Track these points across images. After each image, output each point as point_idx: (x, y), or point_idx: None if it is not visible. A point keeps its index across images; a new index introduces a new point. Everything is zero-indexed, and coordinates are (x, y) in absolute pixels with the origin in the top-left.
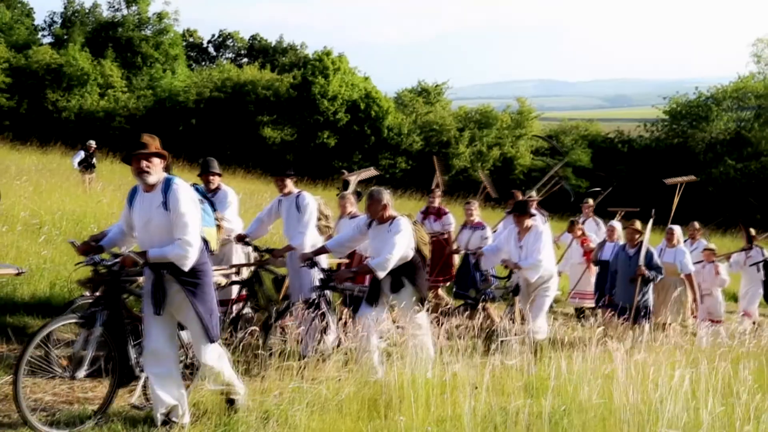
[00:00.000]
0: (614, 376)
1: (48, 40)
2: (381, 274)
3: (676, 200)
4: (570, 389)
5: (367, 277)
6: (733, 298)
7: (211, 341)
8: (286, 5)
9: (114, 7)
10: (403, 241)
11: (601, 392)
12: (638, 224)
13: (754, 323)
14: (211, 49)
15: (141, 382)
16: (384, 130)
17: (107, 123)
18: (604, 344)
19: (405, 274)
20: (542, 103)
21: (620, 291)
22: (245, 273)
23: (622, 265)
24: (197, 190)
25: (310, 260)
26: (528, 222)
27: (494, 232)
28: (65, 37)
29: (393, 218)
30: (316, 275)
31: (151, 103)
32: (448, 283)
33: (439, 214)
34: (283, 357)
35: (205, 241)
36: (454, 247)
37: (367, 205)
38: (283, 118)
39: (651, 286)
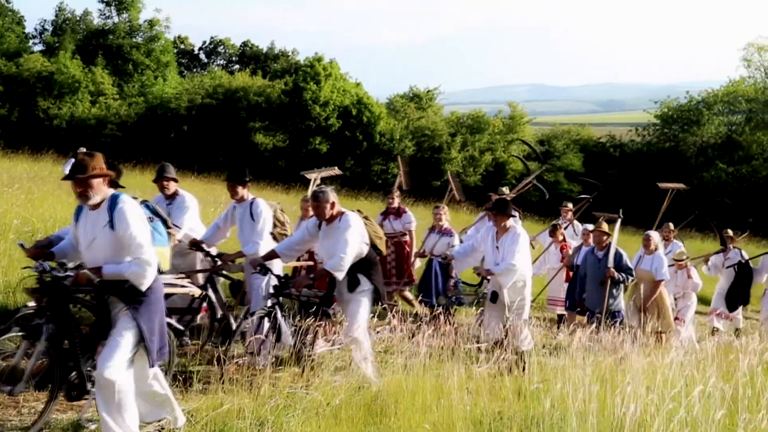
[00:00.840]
0: (610, 380)
1: (39, 48)
2: (339, 275)
3: (664, 206)
4: (567, 394)
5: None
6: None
7: (151, 365)
8: (277, 11)
9: (105, 14)
10: (354, 236)
11: (599, 398)
12: (605, 226)
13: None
14: (202, 56)
15: (91, 397)
16: (376, 135)
17: (99, 130)
18: (591, 350)
19: (361, 271)
20: (534, 107)
21: (590, 295)
22: (201, 279)
23: (591, 268)
24: (147, 207)
25: (261, 266)
26: (507, 222)
27: (462, 234)
28: (56, 44)
29: (341, 214)
30: (270, 282)
31: (143, 111)
32: (408, 287)
33: (399, 213)
34: (276, 363)
35: None
36: (419, 249)
37: (314, 207)
38: (275, 125)
39: (622, 288)
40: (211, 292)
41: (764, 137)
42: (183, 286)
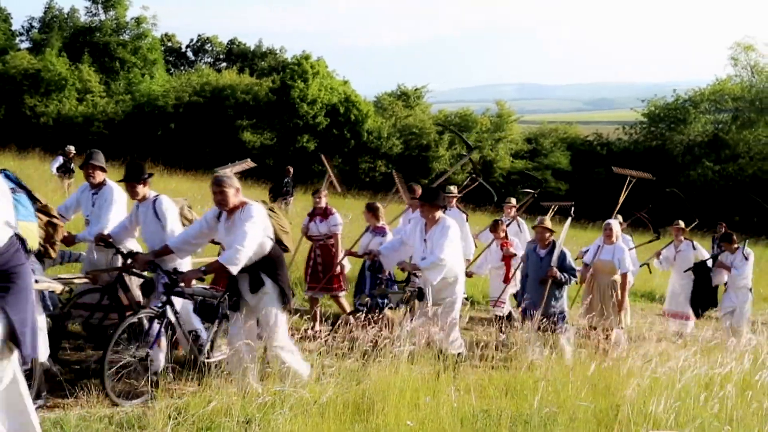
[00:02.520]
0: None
1: (25, 45)
2: (233, 269)
3: (623, 196)
4: (556, 392)
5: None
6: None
7: (23, 360)
8: (273, 11)
9: (92, 12)
10: (255, 229)
11: (590, 394)
12: (548, 222)
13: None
14: (189, 54)
15: None
16: (363, 133)
17: (86, 128)
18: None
19: (264, 269)
20: (522, 106)
21: (531, 295)
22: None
23: (532, 267)
24: (8, 177)
25: (150, 263)
26: (436, 213)
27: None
28: (43, 42)
29: (244, 205)
30: (160, 280)
31: (130, 108)
32: (341, 292)
33: (326, 214)
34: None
35: (21, 239)
36: (356, 250)
37: (216, 193)
38: (263, 123)
39: (566, 290)
40: (120, 292)
41: (750, 136)
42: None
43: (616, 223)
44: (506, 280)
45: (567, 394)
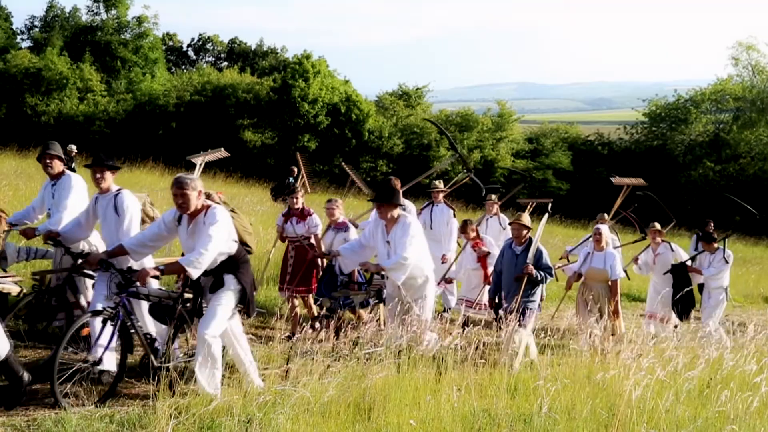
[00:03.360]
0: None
1: (26, 44)
2: (194, 273)
3: (619, 201)
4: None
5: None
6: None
7: None
8: (266, 9)
9: (93, 11)
10: (220, 233)
11: (590, 394)
12: (525, 219)
13: (676, 327)
14: (190, 53)
15: None
16: (365, 133)
17: (87, 127)
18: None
19: (228, 270)
20: (523, 106)
21: (506, 293)
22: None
23: (507, 265)
24: None
25: (102, 262)
26: (394, 212)
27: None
28: (44, 41)
29: (207, 208)
30: (113, 279)
31: (131, 107)
32: (311, 294)
33: (303, 215)
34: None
35: None
36: (322, 248)
37: (178, 195)
38: (264, 122)
39: (540, 289)
40: (69, 293)
41: (751, 136)
42: None
43: (605, 228)
44: (487, 280)
45: (567, 394)
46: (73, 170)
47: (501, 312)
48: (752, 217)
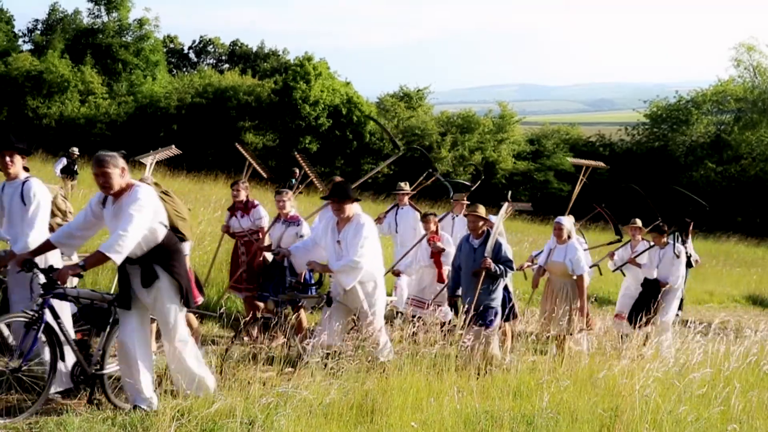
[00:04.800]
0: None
1: (28, 47)
2: (116, 258)
3: (578, 188)
4: (559, 393)
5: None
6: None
7: None
8: (267, 10)
9: (94, 13)
10: (142, 213)
11: (592, 395)
12: (481, 210)
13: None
14: (191, 55)
15: None
16: (366, 135)
17: (88, 130)
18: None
19: (158, 261)
20: (524, 107)
21: (465, 289)
22: None
23: (465, 259)
24: None
25: (27, 261)
26: (349, 210)
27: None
28: (45, 44)
29: (131, 187)
30: (36, 279)
31: (132, 110)
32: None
33: (247, 208)
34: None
35: None
36: (266, 242)
37: (99, 174)
38: (265, 124)
39: (501, 283)
40: None
41: (753, 137)
42: None
43: (567, 220)
44: (440, 279)
45: (569, 395)
46: (76, 173)
47: (451, 306)
48: (702, 209)
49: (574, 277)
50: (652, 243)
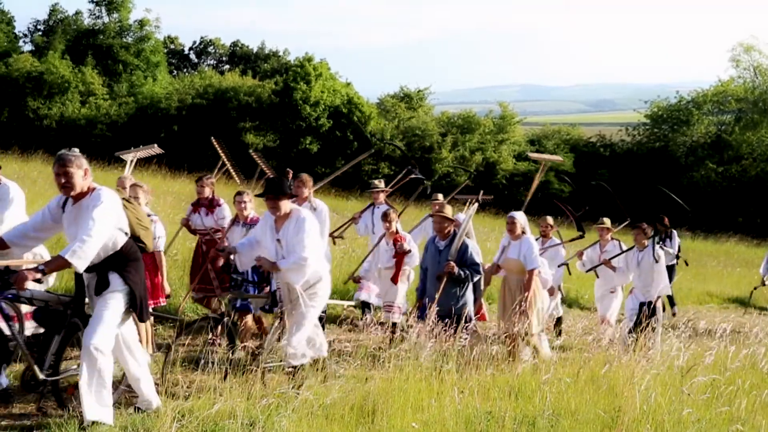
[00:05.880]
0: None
1: (29, 48)
2: (79, 265)
3: (535, 183)
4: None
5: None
6: None
7: None
8: (267, 10)
9: (95, 14)
10: (106, 217)
11: (594, 395)
12: (448, 211)
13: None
14: (192, 56)
15: None
16: (367, 135)
17: (89, 130)
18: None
19: (115, 268)
20: (525, 108)
21: (429, 292)
22: None
23: (430, 261)
24: None
25: None
26: (285, 206)
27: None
28: (45, 44)
29: (93, 189)
30: None
31: (133, 110)
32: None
33: (212, 205)
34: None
35: None
36: (225, 244)
37: (60, 174)
38: (266, 125)
39: (468, 288)
40: None
41: (753, 137)
42: None
43: (520, 215)
44: (395, 279)
45: (570, 395)
46: None
47: (417, 310)
48: (685, 212)
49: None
50: (623, 245)
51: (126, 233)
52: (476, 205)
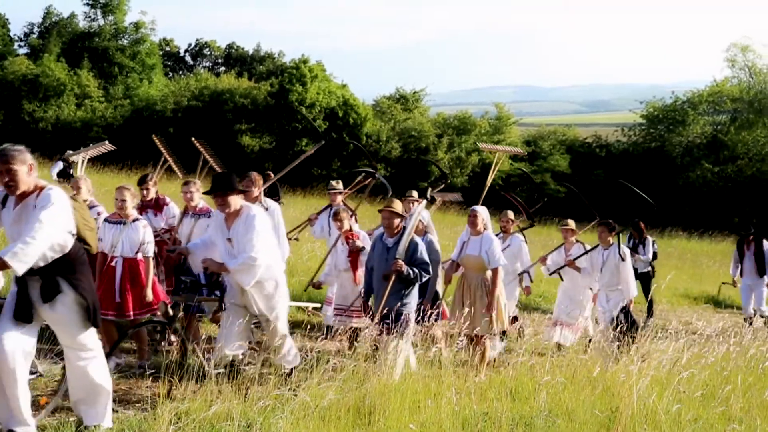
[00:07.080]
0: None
1: (24, 50)
2: (19, 268)
3: (490, 177)
4: (557, 394)
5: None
6: None
7: None
8: (264, 11)
9: (90, 17)
10: (54, 219)
11: (590, 396)
12: (398, 206)
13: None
14: (188, 58)
15: None
16: (362, 137)
17: (84, 133)
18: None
19: (62, 273)
20: (521, 108)
21: (375, 293)
22: None
23: (378, 259)
24: None
25: None
26: (235, 203)
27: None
28: (41, 47)
29: (41, 189)
30: None
31: (129, 113)
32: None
33: (159, 205)
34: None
35: None
36: (176, 236)
37: (2, 171)
38: (261, 126)
39: (415, 289)
40: None
41: (749, 137)
42: None
43: (483, 209)
44: (356, 280)
45: (567, 396)
46: (72, 176)
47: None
48: (651, 208)
49: (489, 271)
50: (587, 246)
51: (73, 235)
52: (425, 202)
